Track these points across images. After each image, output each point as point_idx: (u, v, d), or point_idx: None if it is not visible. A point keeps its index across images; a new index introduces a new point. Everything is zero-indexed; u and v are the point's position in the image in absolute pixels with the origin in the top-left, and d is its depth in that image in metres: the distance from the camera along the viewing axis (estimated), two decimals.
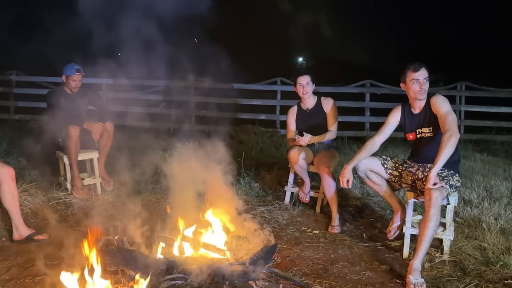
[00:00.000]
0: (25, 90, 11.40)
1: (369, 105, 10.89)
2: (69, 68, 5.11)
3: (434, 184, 3.32)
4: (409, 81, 3.68)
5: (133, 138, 4.35)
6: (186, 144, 6.03)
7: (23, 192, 4.74)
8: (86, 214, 4.63)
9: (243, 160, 5.93)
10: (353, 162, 3.81)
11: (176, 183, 3.98)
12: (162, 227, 3.62)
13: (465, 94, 10.66)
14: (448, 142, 3.30)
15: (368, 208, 4.97)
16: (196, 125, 10.63)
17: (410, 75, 3.67)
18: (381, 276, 3.42)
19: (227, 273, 2.94)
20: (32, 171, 5.71)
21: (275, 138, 9.09)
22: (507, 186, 5.48)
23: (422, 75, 3.64)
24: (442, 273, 3.39)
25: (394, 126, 3.91)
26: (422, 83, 3.63)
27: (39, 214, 4.57)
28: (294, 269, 3.49)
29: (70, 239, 3.93)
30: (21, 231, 3.95)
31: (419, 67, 3.65)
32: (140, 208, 3.79)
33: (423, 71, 3.64)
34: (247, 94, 11.14)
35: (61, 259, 3.48)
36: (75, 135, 4.96)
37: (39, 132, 8.04)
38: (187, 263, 3.04)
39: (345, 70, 19.69)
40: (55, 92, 5.33)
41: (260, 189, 5.50)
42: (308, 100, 4.81)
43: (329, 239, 4.16)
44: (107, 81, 10.73)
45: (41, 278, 3.23)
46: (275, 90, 11.01)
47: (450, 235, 3.68)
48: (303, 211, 4.88)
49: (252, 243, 3.56)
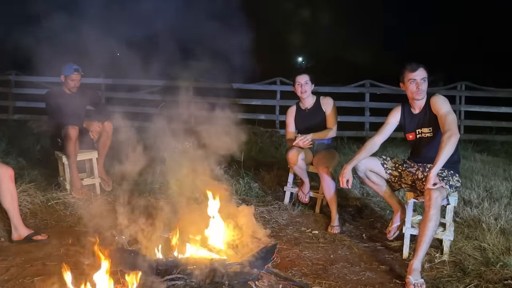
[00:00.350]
0: (24, 90, 11.36)
1: (369, 105, 10.87)
2: (68, 68, 5.10)
3: (434, 184, 3.31)
4: (407, 81, 3.67)
5: (131, 138, 4.33)
6: (185, 144, 6.03)
7: (22, 192, 4.74)
8: (85, 215, 4.61)
9: (242, 160, 5.92)
10: (352, 162, 3.80)
11: (176, 183, 3.98)
12: (162, 227, 3.60)
13: (465, 94, 10.63)
14: (448, 142, 3.30)
15: (367, 209, 4.96)
16: (195, 125, 10.59)
17: (407, 75, 3.66)
18: (381, 276, 3.41)
19: (227, 274, 2.94)
20: (31, 171, 5.71)
21: (274, 138, 9.06)
22: (507, 186, 5.47)
23: (419, 75, 3.63)
24: (442, 274, 3.38)
25: (394, 126, 3.90)
26: (419, 83, 3.62)
27: (38, 215, 4.57)
28: (293, 269, 3.48)
29: (69, 240, 3.96)
30: (20, 232, 3.93)
31: (417, 67, 3.63)
32: (139, 209, 3.79)
33: (420, 71, 3.63)
34: (246, 94, 11.11)
35: (60, 260, 3.49)
36: (74, 136, 4.94)
37: (38, 132, 8.05)
38: (187, 263, 3.03)
39: (345, 70, 19.64)
40: (54, 92, 5.32)
41: (260, 189, 5.49)
42: (307, 99, 4.80)
43: (329, 239, 4.16)
44: (106, 81, 10.71)
45: (40, 278, 3.22)
46: (275, 90, 11.00)
47: (450, 236, 3.67)
48: (303, 212, 4.87)
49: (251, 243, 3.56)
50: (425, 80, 3.64)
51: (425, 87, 3.65)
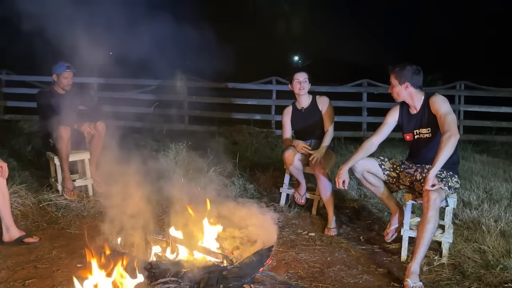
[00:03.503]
0: (15, 90, 11.27)
1: (366, 105, 10.79)
2: (59, 66, 5.04)
3: (432, 185, 3.28)
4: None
5: (124, 138, 4.28)
6: (179, 144, 5.98)
7: (13, 193, 4.68)
8: (77, 216, 4.58)
9: (237, 161, 5.89)
10: (349, 163, 3.76)
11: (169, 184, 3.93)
12: (156, 229, 3.56)
13: (464, 93, 10.54)
14: (447, 142, 3.26)
15: (365, 210, 4.94)
16: (190, 125, 10.57)
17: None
18: (379, 279, 3.39)
19: (221, 277, 2.90)
20: (22, 172, 5.66)
21: (270, 139, 9.02)
22: (507, 187, 5.43)
23: (391, 78, 3.68)
24: (441, 277, 3.37)
25: (392, 126, 3.87)
26: (392, 86, 3.69)
27: (30, 216, 4.52)
28: (289, 272, 3.46)
29: (61, 242, 3.90)
30: (12, 233, 3.87)
31: (391, 70, 3.70)
32: (132, 210, 3.72)
33: (391, 77, 3.69)
34: (241, 94, 11.05)
35: (52, 262, 3.47)
36: (66, 136, 4.88)
37: (29, 133, 8.00)
38: (181, 266, 3.00)
39: (342, 69, 19.63)
40: (46, 91, 5.26)
41: (255, 191, 5.45)
42: (303, 98, 4.76)
43: (326, 241, 4.12)
44: (99, 81, 10.63)
45: (31, 281, 3.20)
46: (270, 89, 10.92)
47: (449, 238, 3.66)
48: (299, 213, 4.83)
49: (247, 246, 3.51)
50: (398, 84, 3.67)
51: (397, 90, 3.70)
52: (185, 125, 10.57)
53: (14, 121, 10.04)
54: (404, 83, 3.64)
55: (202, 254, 3.24)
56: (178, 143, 6.02)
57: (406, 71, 3.64)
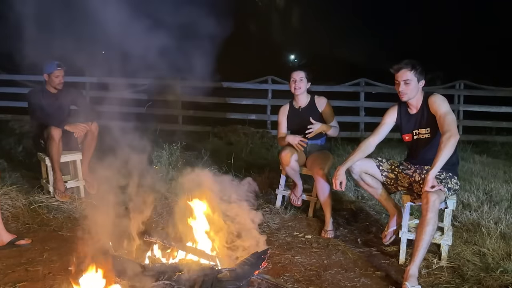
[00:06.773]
0: (6, 89, 11.13)
1: (363, 105, 10.73)
2: (50, 65, 4.98)
3: (431, 187, 3.25)
4: (395, 82, 3.64)
5: (117, 138, 4.21)
6: (173, 145, 5.93)
7: (3, 195, 4.64)
8: (69, 218, 4.53)
9: (232, 162, 5.86)
10: (346, 164, 3.72)
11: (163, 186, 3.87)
12: (149, 232, 3.51)
13: (463, 93, 10.47)
14: (447, 143, 3.22)
15: (362, 212, 4.91)
16: (183, 125, 10.49)
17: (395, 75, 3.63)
18: (376, 282, 3.37)
19: (216, 280, 2.86)
20: (12, 174, 5.62)
21: (266, 139, 9.00)
22: (507, 189, 5.41)
23: (400, 76, 3.57)
24: (440, 280, 3.35)
25: (390, 127, 3.83)
26: (400, 85, 3.58)
27: (20, 218, 4.47)
28: (286, 275, 3.43)
29: (53, 244, 3.86)
30: (3, 237, 3.81)
31: (398, 68, 3.59)
32: (125, 213, 3.67)
33: (402, 73, 3.57)
34: (236, 93, 10.98)
35: (43, 265, 3.44)
36: (57, 136, 4.82)
37: (20, 133, 7.94)
38: (175, 269, 2.96)
39: (339, 68, 19.57)
40: (37, 91, 5.20)
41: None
42: (300, 97, 4.70)
43: (322, 244, 4.09)
44: (91, 80, 10.54)
45: (22, 284, 3.16)
46: (266, 89, 10.85)
47: (448, 240, 3.63)
48: (295, 215, 4.79)
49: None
50: (408, 83, 3.55)
51: (408, 89, 3.57)
52: (179, 125, 10.50)
53: (5, 121, 9.94)
54: (422, 80, 3.59)
55: (197, 257, 3.21)
56: (172, 144, 5.97)
57: (422, 68, 3.59)
